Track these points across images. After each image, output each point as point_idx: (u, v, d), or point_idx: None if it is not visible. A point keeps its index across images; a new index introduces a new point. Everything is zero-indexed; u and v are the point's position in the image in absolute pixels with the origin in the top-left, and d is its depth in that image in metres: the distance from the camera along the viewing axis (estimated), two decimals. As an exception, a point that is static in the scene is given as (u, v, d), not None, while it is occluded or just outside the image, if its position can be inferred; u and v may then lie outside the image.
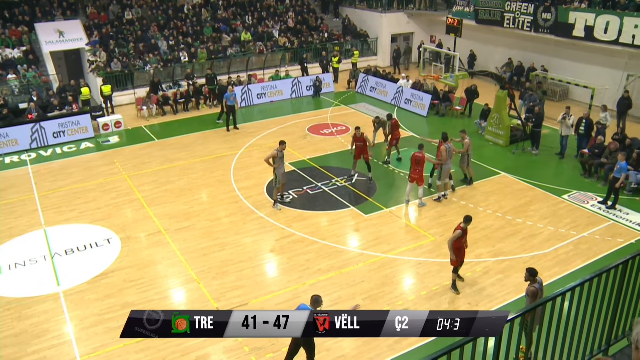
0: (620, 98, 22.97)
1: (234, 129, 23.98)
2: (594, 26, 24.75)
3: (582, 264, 13.76)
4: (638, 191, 17.55)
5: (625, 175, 16.34)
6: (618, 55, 24.89)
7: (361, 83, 30.16)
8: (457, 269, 12.60)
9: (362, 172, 18.91)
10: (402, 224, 15.99)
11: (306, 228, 15.62)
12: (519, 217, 16.18)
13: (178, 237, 15.25)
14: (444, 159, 16.76)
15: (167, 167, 20.07)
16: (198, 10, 34.02)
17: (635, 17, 23.20)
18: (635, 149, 18.31)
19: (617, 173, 16.45)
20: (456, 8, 32.22)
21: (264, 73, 30.19)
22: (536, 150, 20.99)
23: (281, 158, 16.33)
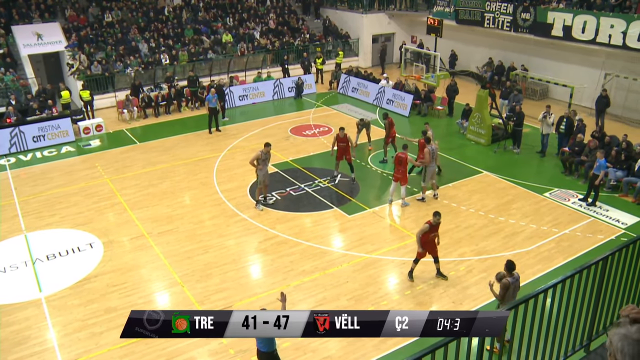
0: (598, 96, 23.27)
1: (216, 131, 23.91)
2: (571, 26, 25.09)
3: (563, 260, 13.92)
4: (617, 188, 17.81)
5: (604, 172, 16.57)
6: (595, 55, 25.24)
7: (343, 84, 30.21)
8: (417, 260, 12.96)
9: (345, 173, 18.95)
10: (386, 224, 16.05)
11: (290, 229, 15.61)
12: (502, 215, 16.31)
13: (161, 240, 15.17)
14: (427, 161, 16.82)
15: (149, 170, 19.96)
16: (178, 12, 33.86)
17: (610, 17, 23.57)
18: (614, 146, 18.60)
19: (596, 170, 16.67)
20: (436, 8, 32.43)
21: (246, 75, 30.14)
22: (517, 149, 21.19)
23: (264, 160, 16.35)
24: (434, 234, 12.75)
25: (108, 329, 11.63)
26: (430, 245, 12.84)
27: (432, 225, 12.58)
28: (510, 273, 10.13)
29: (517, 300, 5.18)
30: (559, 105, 24.68)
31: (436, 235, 12.82)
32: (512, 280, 10.06)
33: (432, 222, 12.58)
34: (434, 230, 12.69)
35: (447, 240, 14.79)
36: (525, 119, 21.56)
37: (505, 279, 10.08)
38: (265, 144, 16.49)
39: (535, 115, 22.17)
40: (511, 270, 10.14)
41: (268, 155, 16.45)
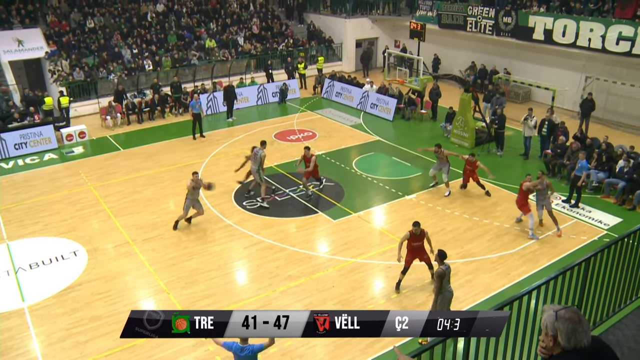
0: (584, 100, 23.37)
1: (200, 137, 23.84)
2: (552, 30, 25.39)
3: (547, 262, 14.05)
4: (599, 189, 18.01)
5: (586, 174, 16.75)
6: (576, 58, 25.54)
7: (327, 88, 30.27)
8: (406, 270, 12.84)
9: (330, 178, 18.98)
10: (371, 228, 16.09)
11: (275, 235, 15.60)
12: (486, 218, 16.42)
13: (146, 247, 15.08)
14: None
15: (134, 177, 19.84)
16: (162, 18, 33.75)
17: (590, 21, 23.91)
18: (595, 148, 18.81)
19: (578, 171, 16.84)
20: (419, 13, 32.63)
21: (229, 80, 30.06)
22: (501, 152, 21.35)
23: (252, 158, 17.04)
24: (418, 243, 12.68)
25: (93, 338, 11.52)
26: (419, 252, 12.75)
27: (412, 234, 12.55)
28: (442, 262, 10.69)
29: (502, 302, 5.22)
30: (541, 108, 24.89)
31: (421, 245, 12.73)
32: (444, 268, 10.64)
33: (413, 231, 12.55)
34: (416, 239, 12.63)
35: (433, 243, 14.64)
36: (508, 122, 21.78)
37: (439, 267, 10.67)
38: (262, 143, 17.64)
39: (518, 118, 22.36)
40: (443, 259, 10.71)
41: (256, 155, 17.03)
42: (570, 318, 3.44)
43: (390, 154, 21.62)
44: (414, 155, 21.04)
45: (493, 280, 13.30)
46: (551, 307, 3.58)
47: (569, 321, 3.43)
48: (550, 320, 3.51)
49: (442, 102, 26.04)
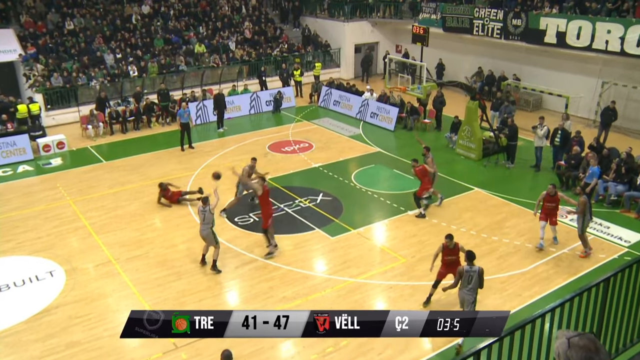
0: (604, 108, 23.20)
1: (189, 148, 23.77)
2: (565, 32, 25.40)
3: (562, 282, 13.97)
4: (618, 203, 17.90)
5: (596, 181, 16.59)
6: (592, 62, 25.54)
7: (324, 97, 30.29)
8: (437, 283, 12.85)
9: (327, 192, 18.90)
10: (371, 246, 16.00)
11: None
12: (495, 234, 16.33)
13: (129, 266, 14.94)
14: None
15: (117, 191, 19.73)
16: (147, 21, 33.81)
17: (607, 22, 23.88)
18: (614, 158, 18.65)
19: (588, 178, 16.73)
20: (422, 15, 32.76)
21: (220, 88, 30.04)
22: (510, 164, 21.29)
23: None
24: (452, 257, 12.61)
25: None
26: (453, 267, 12.56)
27: (445, 247, 12.58)
28: (470, 263, 11.33)
29: (513, 326, 5.12)
30: (554, 117, 24.86)
31: (456, 259, 12.62)
32: (467, 269, 11.25)
33: (446, 244, 12.59)
34: (450, 253, 12.59)
35: (437, 262, 14.69)
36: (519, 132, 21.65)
37: (460, 266, 11.50)
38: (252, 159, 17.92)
39: (528, 127, 22.33)
40: (471, 260, 11.36)
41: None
42: (585, 346, 3.29)
43: (392, 166, 21.57)
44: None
45: (503, 301, 13.19)
46: (565, 333, 3.44)
47: (583, 350, 3.29)
48: (562, 348, 3.36)
49: (446, 110, 26.02)
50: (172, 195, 18.62)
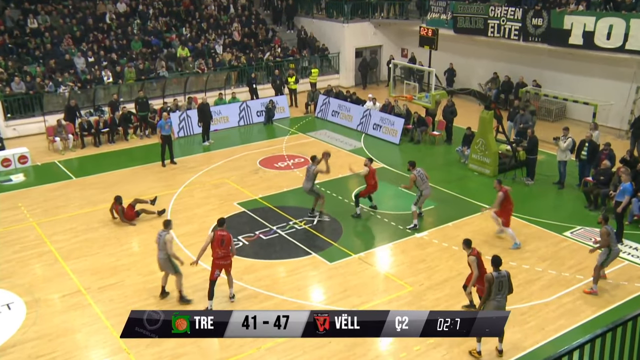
0: (636, 118, 23.24)
1: (171, 164, 23.76)
2: (594, 31, 25.40)
3: (592, 314, 13.89)
4: (655, 224, 17.86)
5: (628, 199, 16.56)
6: (624, 65, 25.57)
7: (321, 106, 30.38)
8: None
9: (325, 213, 18.89)
10: (374, 273, 15.96)
11: (259, 280, 15.44)
12: (513, 259, 16.26)
13: (102, 296, 14.84)
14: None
15: (88, 211, 19.68)
16: (123, 21, 33.90)
17: (643, 18, 23.74)
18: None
19: (619, 196, 16.70)
20: (431, 15, 32.96)
21: (205, 96, 30.10)
22: (530, 180, 21.28)
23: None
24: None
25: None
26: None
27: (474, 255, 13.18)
28: (496, 268, 11.80)
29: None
30: (579, 127, 24.92)
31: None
32: (496, 275, 11.66)
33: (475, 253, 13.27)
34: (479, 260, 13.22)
35: (448, 290, 14.74)
36: (540, 144, 21.64)
37: (488, 273, 11.83)
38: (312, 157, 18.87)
39: (549, 139, 22.35)
40: (498, 265, 11.85)
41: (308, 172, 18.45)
42: None
43: (397, 183, 21.49)
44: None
45: (524, 335, 13.11)
46: None
47: None
48: None
49: (458, 121, 26.11)
50: (126, 211, 18.62)
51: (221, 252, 13.99)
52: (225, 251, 14.03)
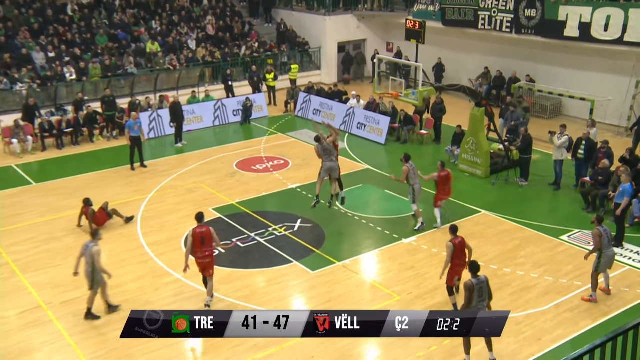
0: (639, 117, 23.27)
1: (141, 167, 23.65)
2: (590, 22, 25.51)
3: (592, 323, 13.96)
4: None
5: (627, 200, 16.65)
6: (623, 58, 25.74)
7: (302, 105, 30.38)
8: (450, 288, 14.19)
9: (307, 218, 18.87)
10: (359, 281, 15.97)
11: (237, 291, 15.40)
12: (507, 265, 16.34)
13: (65, 311, 14.69)
14: None
15: (50, 219, 19.52)
16: (87, 12, 33.64)
17: (643, 8, 23.86)
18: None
19: (618, 198, 16.79)
20: (418, 7, 33.05)
21: (178, 95, 29.96)
22: (524, 181, 21.34)
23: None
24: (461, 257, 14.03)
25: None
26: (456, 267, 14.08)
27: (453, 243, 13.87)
28: (475, 275, 11.90)
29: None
30: (576, 124, 25.04)
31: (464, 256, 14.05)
32: (475, 282, 11.82)
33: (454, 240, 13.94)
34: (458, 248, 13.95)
35: (438, 299, 14.75)
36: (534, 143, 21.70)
37: (468, 280, 11.89)
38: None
39: (544, 138, 22.43)
40: (476, 271, 11.96)
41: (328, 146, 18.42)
42: None
43: (383, 186, 21.55)
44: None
45: (519, 346, 13.17)
46: None
47: None
48: None
49: (447, 119, 26.19)
50: (97, 214, 18.54)
51: (201, 252, 14.11)
52: (208, 250, 14.15)
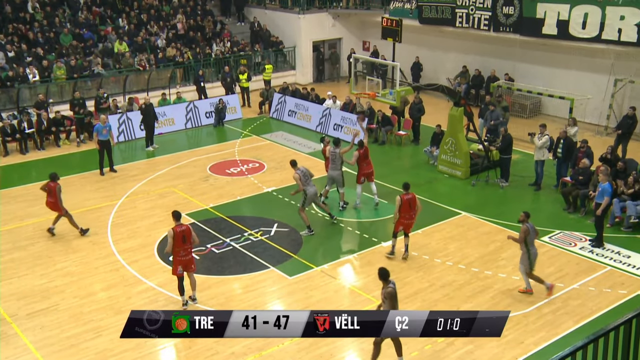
0: (623, 117, 23.44)
1: (110, 172, 23.52)
2: (568, 20, 25.82)
3: (574, 325, 14.11)
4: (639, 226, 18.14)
5: (607, 200, 16.83)
6: (601, 56, 26.03)
7: (277, 106, 30.39)
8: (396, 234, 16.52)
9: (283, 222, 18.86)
10: (337, 286, 16.03)
11: (212, 299, 15.38)
12: (488, 268, 16.45)
13: (32, 324, 14.56)
14: None
15: (14, 227, 19.35)
16: (50, 11, 33.31)
17: (620, 5, 24.17)
18: (633, 171, 18.84)
19: (598, 198, 16.98)
20: (394, 5, 33.19)
21: (148, 96, 29.81)
22: (505, 182, 21.49)
23: None
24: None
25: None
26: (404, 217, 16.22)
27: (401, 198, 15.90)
28: (387, 281, 11.93)
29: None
30: (556, 123, 25.25)
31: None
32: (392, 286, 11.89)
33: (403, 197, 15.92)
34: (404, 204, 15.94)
35: (419, 303, 14.83)
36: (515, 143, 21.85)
37: (387, 287, 11.90)
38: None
39: (524, 137, 22.59)
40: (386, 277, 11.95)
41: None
42: None
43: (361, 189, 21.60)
44: (391, 189, 21.03)
45: (501, 350, 13.26)
46: None
47: None
48: None
49: (425, 120, 26.32)
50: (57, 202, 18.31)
51: (184, 250, 14.24)
52: (189, 247, 14.33)
